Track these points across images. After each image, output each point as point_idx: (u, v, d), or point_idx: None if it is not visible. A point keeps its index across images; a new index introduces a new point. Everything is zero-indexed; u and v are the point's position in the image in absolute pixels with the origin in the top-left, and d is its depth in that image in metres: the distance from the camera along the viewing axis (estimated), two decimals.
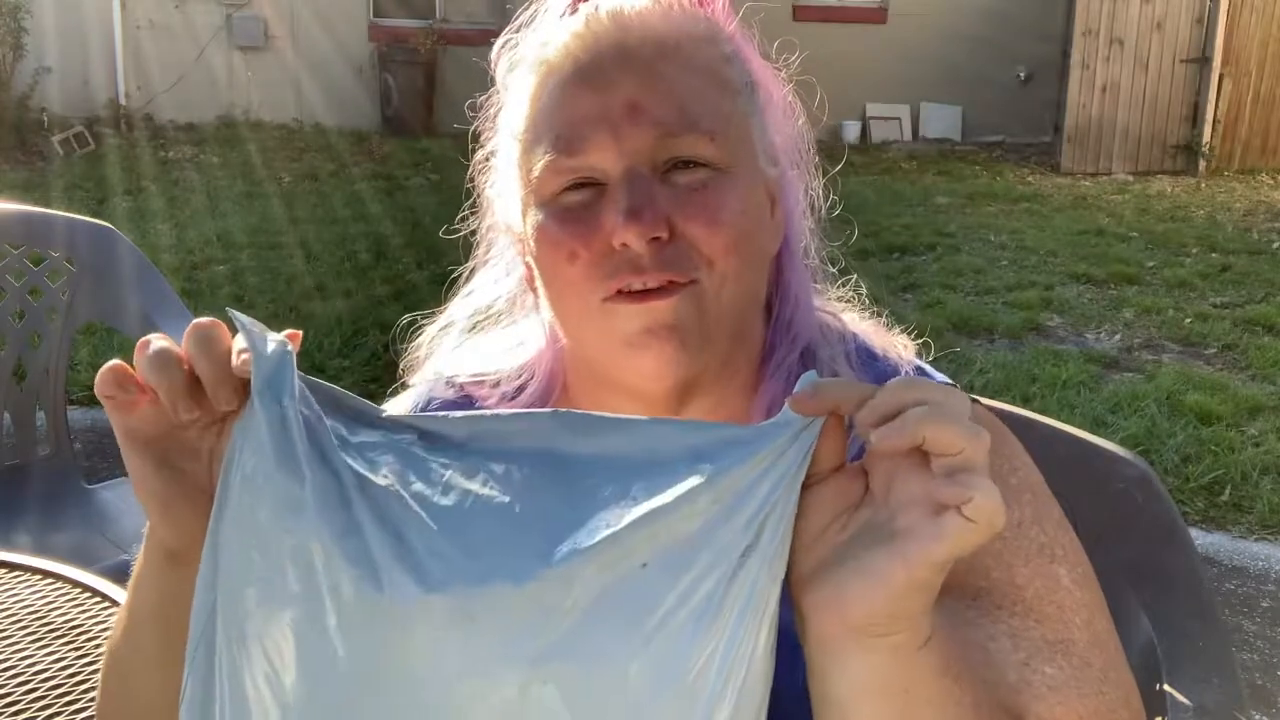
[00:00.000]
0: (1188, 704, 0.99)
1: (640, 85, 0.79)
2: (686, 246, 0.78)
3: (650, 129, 0.78)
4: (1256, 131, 11.09)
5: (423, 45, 10.95)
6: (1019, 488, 0.81)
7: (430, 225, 7.63)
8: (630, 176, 0.78)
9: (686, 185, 0.79)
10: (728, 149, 0.80)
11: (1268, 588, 3.45)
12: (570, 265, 0.80)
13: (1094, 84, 10.77)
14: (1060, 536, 0.80)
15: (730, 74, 0.84)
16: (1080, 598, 0.78)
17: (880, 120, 11.80)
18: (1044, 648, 0.74)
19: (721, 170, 0.80)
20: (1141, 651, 1.04)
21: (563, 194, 0.81)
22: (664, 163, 0.79)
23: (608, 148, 0.78)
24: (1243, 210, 9.11)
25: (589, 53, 0.81)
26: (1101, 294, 6.53)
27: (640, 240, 0.77)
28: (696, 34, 0.83)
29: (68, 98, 10.34)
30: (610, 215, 0.77)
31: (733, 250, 0.79)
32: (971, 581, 0.77)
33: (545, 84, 0.82)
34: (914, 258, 7.20)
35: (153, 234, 7.04)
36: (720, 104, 0.81)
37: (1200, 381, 4.96)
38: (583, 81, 0.80)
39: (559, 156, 0.79)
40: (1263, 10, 10.87)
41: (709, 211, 0.78)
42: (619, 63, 0.80)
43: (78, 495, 2.35)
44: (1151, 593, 1.08)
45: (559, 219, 0.80)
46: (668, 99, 0.79)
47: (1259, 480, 4.05)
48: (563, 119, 0.80)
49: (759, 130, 0.85)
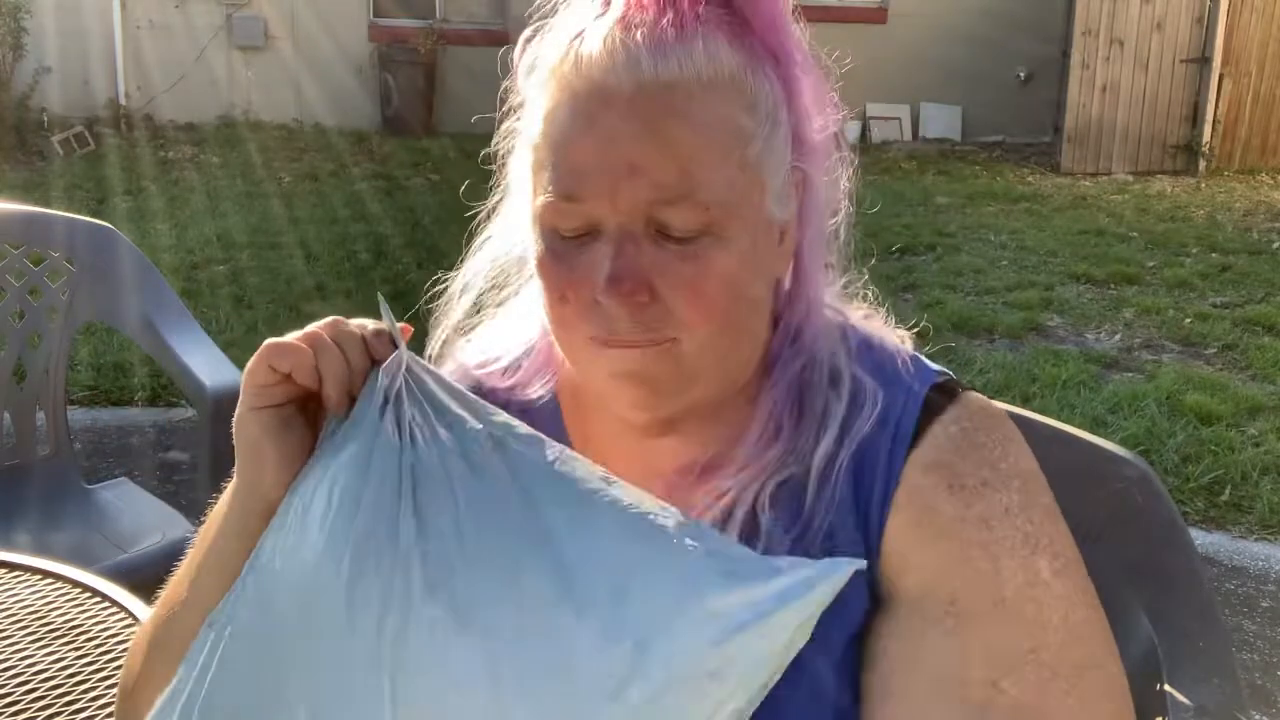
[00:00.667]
0: (1188, 704, 0.99)
1: (644, 144, 0.77)
2: (666, 311, 0.79)
3: (646, 191, 0.77)
4: (1256, 131, 11.09)
5: (423, 45, 10.94)
6: (1008, 473, 0.81)
7: (430, 225, 7.64)
8: (620, 236, 0.78)
9: (676, 250, 0.78)
10: (722, 217, 0.78)
11: (1268, 588, 3.46)
12: (560, 305, 0.82)
13: (1094, 84, 10.77)
14: (1046, 525, 0.80)
15: (747, 122, 0.80)
16: (1058, 590, 0.77)
17: (880, 120, 11.80)
18: (1014, 660, 0.75)
19: (715, 238, 0.78)
20: (1141, 651, 1.04)
21: (557, 231, 0.81)
22: (656, 223, 0.78)
23: (604, 202, 0.78)
24: (1243, 210, 9.11)
25: (599, 97, 0.78)
26: (1101, 294, 6.53)
27: (619, 305, 0.78)
28: (716, 81, 0.79)
29: (68, 98, 10.34)
30: (596, 268, 0.78)
31: (715, 317, 0.80)
32: (951, 576, 0.78)
33: (560, 108, 0.80)
34: (914, 258, 7.20)
35: (153, 234, 7.04)
36: (725, 166, 0.78)
37: (1200, 381, 4.96)
38: (590, 130, 0.78)
39: (557, 201, 0.80)
40: (1263, 10, 10.87)
41: (695, 282, 0.78)
42: (627, 113, 0.77)
43: (77, 495, 2.35)
44: (1151, 593, 1.08)
45: (554, 256, 0.81)
46: (670, 162, 0.77)
47: (1259, 480, 4.05)
48: (566, 161, 0.79)
49: (775, 167, 0.82)
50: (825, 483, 0.82)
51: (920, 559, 0.79)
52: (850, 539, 0.82)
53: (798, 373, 0.86)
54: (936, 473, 0.81)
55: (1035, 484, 0.82)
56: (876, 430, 0.83)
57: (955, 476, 0.80)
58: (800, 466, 0.83)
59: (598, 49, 0.79)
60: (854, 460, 0.83)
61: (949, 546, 0.78)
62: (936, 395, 0.85)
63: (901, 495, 0.81)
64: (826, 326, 0.89)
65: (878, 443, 0.83)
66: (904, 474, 0.82)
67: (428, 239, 6.99)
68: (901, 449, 0.82)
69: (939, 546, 0.79)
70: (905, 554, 0.80)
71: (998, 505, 0.79)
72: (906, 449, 0.82)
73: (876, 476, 0.82)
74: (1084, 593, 0.79)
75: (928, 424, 0.83)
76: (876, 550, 0.81)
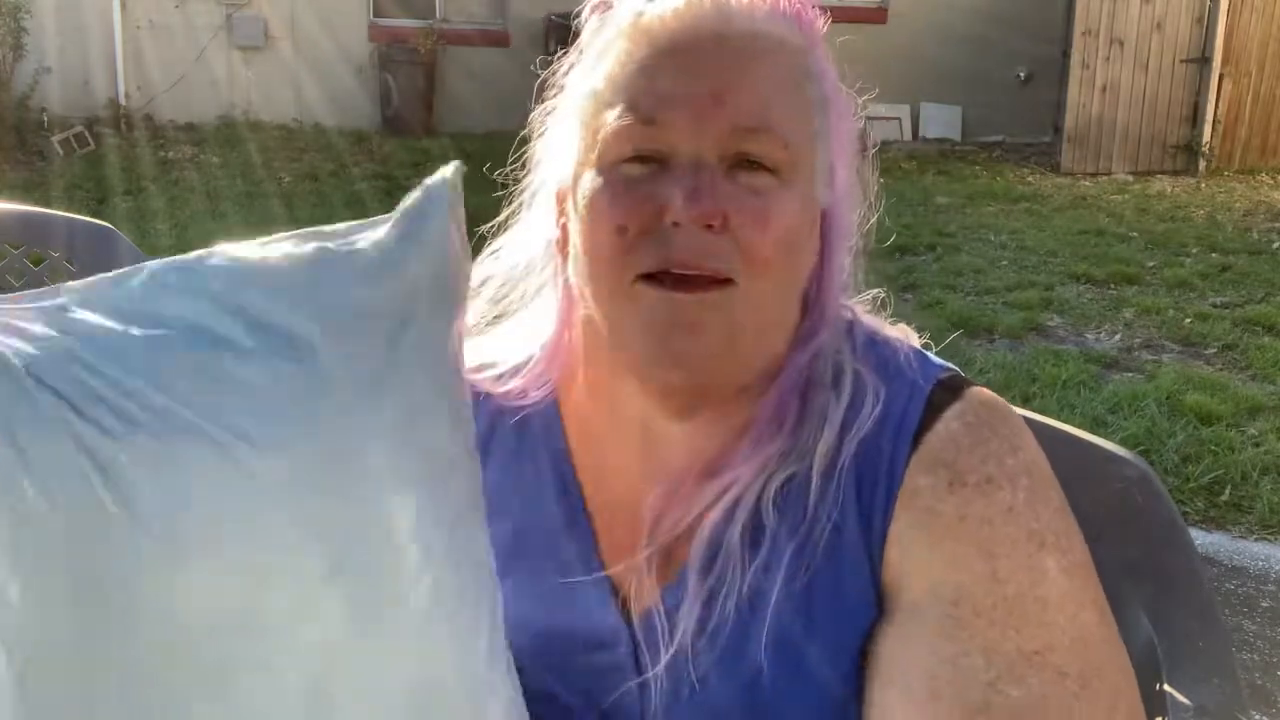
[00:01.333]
0: (1188, 704, 0.99)
1: (729, 77, 0.79)
2: (733, 244, 0.78)
3: (729, 120, 0.78)
4: (1256, 131, 11.09)
5: (423, 45, 10.94)
6: (1015, 470, 0.80)
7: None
8: (698, 162, 0.78)
9: (748, 186, 0.79)
10: (793, 162, 0.80)
11: (1268, 588, 3.45)
12: (616, 237, 0.79)
13: (1094, 84, 10.77)
14: (1055, 523, 0.79)
15: (810, 91, 0.84)
16: (1067, 589, 0.76)
17: (880, 120, 11.80)
18: (1016, 663, 0.74)
19: (782, 182, 0.80)
20: (1141, 651, 1.04)
21: (624, 163, 0.80)
22: (732, 155, 0.79)
23: (685, 128, 0.78)
24: (1243, 210, 9.11)
25: (687, 33, 0.81)
26: (1101, 294, 6.53)
27: (695, 223, 0.77)
28: (791, 43, 0.83)
29: (68, 98, 10.34)
30: (669, 192, 0.77)
31: (776, 260, 0.79)
32: (953, 577, 0.77)
33: (635, 52, 0.82)
34: (914, 258, 7.20)
35: (153, 234, 7.04)
36: (796, 118, 0.82)
37: (1200, 381, 4.96)
38: (674, 60, 0.80)
39: (634, 123, 0.79)
40: (1263, 10, 10.87)
41: (764, 216, 0.79)
42: (714, 50, 0.80)
43: None
44: (1151, 593, 1.08)
45: (614, 189, 0.80)
46: (753, 96, 0.79)
47: (1259, 480, 4.05)
48: (646, 89, 0.80)
49: (823, 153, 0.84)
50: (828, 481, 0.82)
51: (922, 561, 0.79)
52: (853, 540, 0.81)
53: (804, 368, 0.86)
54: (938, 471, 0.80)
55: (1044, 481, 0.81)
56: (879, 427, 0.82)
57: (957, 475, 0.79)
58: (803, 464, 0.82)
59: (682, 2, 0.82)
60: (857, 458, 0.82)
61: (950, 548, 0.78)
62: (941, 391, 0.84)
63: (904, 495, 0.80)
64: (834, 321, 0.88)
65: (880, 440, 0.82)
66: (906, 473, 0.81)
67: None
68: (904, 447, 0.81)
69: (941, 548, 0.78)
70: (907, 556, 0.79)
71: (1001, 503, 0.78)
72: (909, 447, 0.81)
73: (879, 475, 0.81)
74: (1094, 592, 0.78)
75: (931, 421, 0.82)
76: (879, 553, 0.80)
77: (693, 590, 0.81)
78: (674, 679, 0.81)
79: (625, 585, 0.85)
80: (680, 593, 0.81)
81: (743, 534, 0.81)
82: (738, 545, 0.81)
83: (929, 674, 0.75)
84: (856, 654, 0.80)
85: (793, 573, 0.80)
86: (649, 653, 0.82)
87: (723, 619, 0.80)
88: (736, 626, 0.80)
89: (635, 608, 0.84)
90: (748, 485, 0.82)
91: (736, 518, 0.82)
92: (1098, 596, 0.78)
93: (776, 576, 0.80)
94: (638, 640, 0.83)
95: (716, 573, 0.81)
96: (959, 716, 0.73)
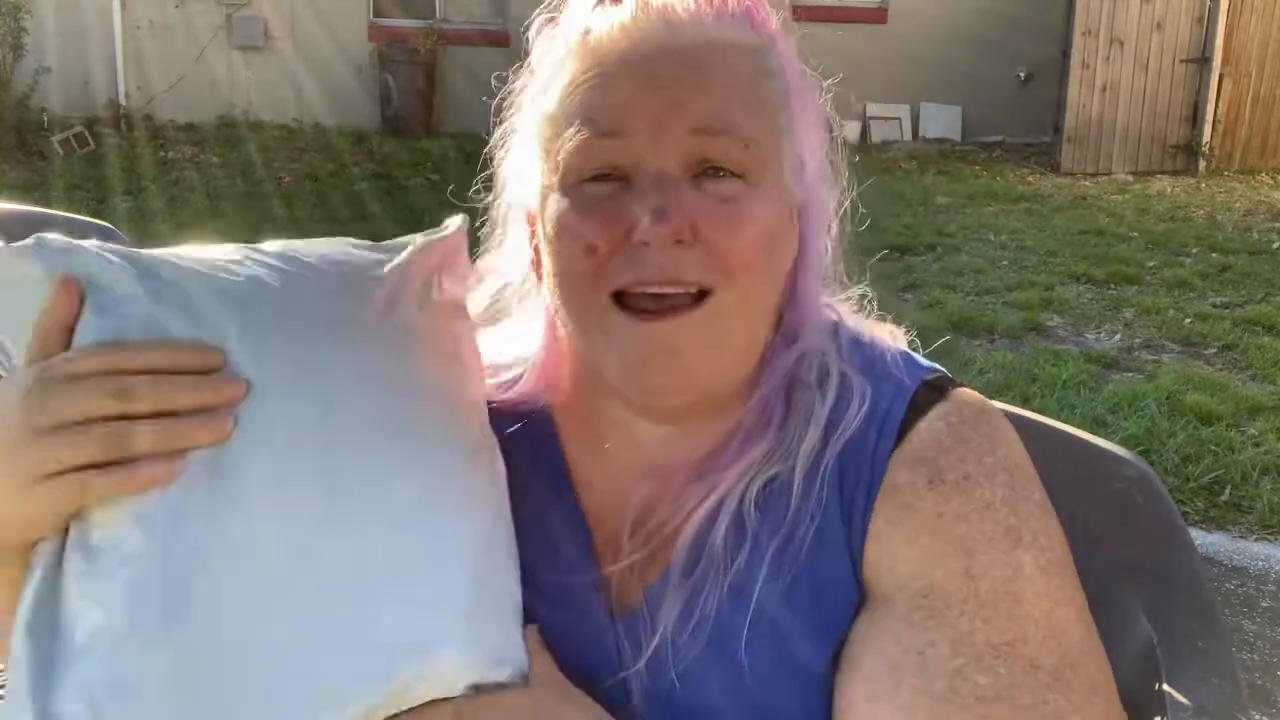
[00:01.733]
0: (1188, 704, 0.99)
1: (684, 84, 0.78)
2: (707, 253, 0.77)
3: (688, 126, 0.77)
4: (1256, 131, 11.09)
5: (423, 45, 10.94)
6: (994, 468, 0.80)
7: (430, 225, 7.62)
8: (661, 175, 0.77)
9: (715, 194, 0.78)
10: (759, 161, 0.80)
11: (1268, 588, 3.46)
12: (585, 258, 0.79)
13: (1094, 84, 10.77)
14: (1033, 520, 0.79)
15: (769, 89, 0.82)
16: (1044, 586, 0.76)
17: (880, 120, 11.80)
18: (985, 653, 0.74)
19: (750, 185, 0.79)
20: (1141, 651, 1.04)
21: (586, 182, 0.80)
22: (696, 163, 0.78)
23: (644, 139, 0.77)
24: (1243, 210, 9.12)
25: (637, 49, 0.80)
26: (1101, 294, 6.54)
27: (664, 240, 0.76)
28: (744, 44, 0.82)
29: (68, 98, 10.34)
30: (636, 210, 0.76)
31: (752, 265, 0.79)
32: (928, 570, 0.77)
33: (587, 71, 0.81)
34: (914, 258, 7.20)
35: (153, 234, 7.04)
36: (757, 117, 0.81)
37: (1200, 381, 4.96)
38: (627, 75, 0.79)
39: (592, 138, 0.78)
40: (1263, 10, 10.88)
41: (734, 223, 0.78)
42: (666, 61, 0.79)
43: None
44: (1151, 593, 1.08)
45: (580, 209, 0.79)
46: (710, 100, 0.78)
47: (1259, 480, 4.05)
48: (601, 105, 0.79)
49: (789, 147, 0.84)
50: (811, 483, 0.82)
51: (898, 555, 0.79)
52: (836, 536, 0.81)
53: (789, 369, 0.86)
54: (918, 469, 0.80)
55: (1024, 479, 0.81)
56: (863, 427, 0.82)
57: (936, 472, 0.80)
58: (786, 465, 0.82)
59: (627, 19, 0.81)
60: (841, 457, 0.82)
61: (927, 543, 0.78)
62: (925, 391, 0.84)
63: (884, 492, 0.81)
64: (819, 324, 0.88)
65: (864, 439, 0.82)
66: (888, 471, 0.81)
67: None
68: (886, 445, 0.82)
69: (917, 543, 0.78)
70: (884, 551, 0.80)
71: (978, 500, 0.78)
72: (891, 445, 0.82)
73: (862, 473, 0.82)
74: (1071, 591, 0.78)
75: (914, 420, 0.82)
76: (860, 549, 0.81)
77: (674, 589, 0.81)
78: (656, 677, 0.81)
79: (614, 584, 0.86)
80: (663, 592, 0.82)
81: (726, 534, 0.81)
82: (720, 545, 0.81)
83: (893, 663, 0.75)
84: (841, 650, 0.81)
85: (775, 571, 0.81)
86: (631, 650, 0.82)
87: (704, 617, 0.80)
88: (718, 625, 0.80)
89: (619, 607, 0.85)
90: (732, 486, 0.83)
91: (720, 518, 0.82)
92: (1075, 595, 0.78)
93: (759, 575, 0.81)
94: (620, 638, 0.83)
95: (699, 572, 0.82)
96: (924, 704, 0.73)
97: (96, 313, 0.72)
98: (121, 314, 0.72)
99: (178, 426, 0.69)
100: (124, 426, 0.68)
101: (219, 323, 0.73)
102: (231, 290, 0.75)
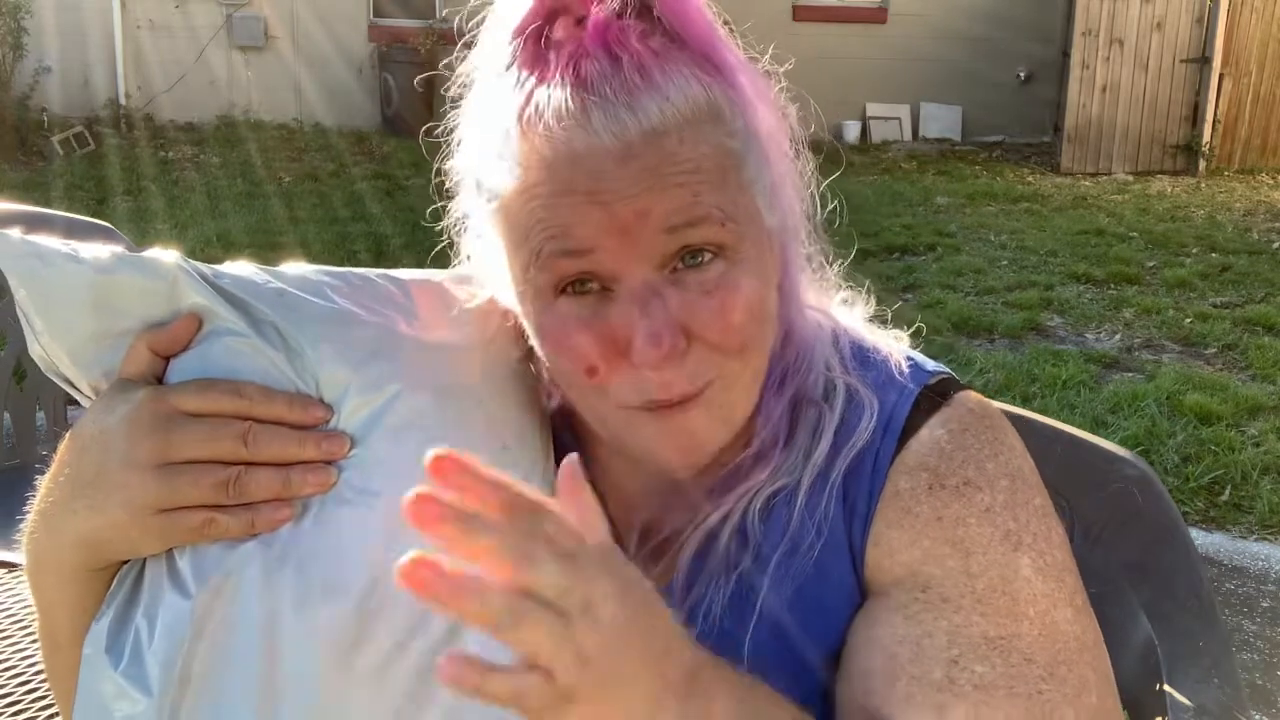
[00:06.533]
0: (1188, 704, 0.99)
1: (648, 190, 0.72)
2: (705, 353, 0.76)
3: (661, 228, 0.73)
4: (1256, 131, 11.09)
5: (423, 45, 10.94)
6: (995, 473, 0.80)
7: (430, 225, 7.62)
8: (644, 290, 0.73)
9: (699, 285, 0.75)
10: (738, 229, 0.75)
11: (1268, 588, 3.46)
12: (587, 378, 0.77)
13: (1094, 84, 10.77)
14: (1033, 524, 0.79)
15: (733, 148, 0.76)
16: (1041, 588, 0.77)
17: (880, 120, 11.81)
18: (981, 644, 0.74)
19: (732, 261, 0.75)
20: (1141, 651, 1.04)
21: (563, 295, 0.76)
22: (674, 255, 0.74)
23: (617, 252, 0.73)
24: (1243, 210, 9.12)
25: (593, 153, 0.72)
26: (1101, 294, 6.54)
27: (662, 364, 0.73)
28: (698, 116, 0.74)
29: (68, 98, 10.34)
30: (626, 332, 0.73)
31: (749, 334, 0.77)
32: (926, 569, 0.78)
33: (539, 183, 0.74)
34: (914, 258, 7.20)
35: (153, 234, 7.03)
36: (727, 185, 0.75)
37: (1200, 381, 4.96)
38: (586, 186, 0.72)
39: (562, 259, 0.74)
40: (1263, 10, 10.88)
41: (724, 312, 0.75)
42: (623, 172, 0.72)
43: None
44: (1151, 593, 1.08)
45: (568, 326, 0.76)
46: (678, 195, 0.72)
47: (1259, 480, 4.05)
48: (566, 223, 0.73)
49: (760, 182, 0.79)
50: (818, 494, 0.82)
51: (898, 557, 0.79)
52: (839, 544, 0.82)
53: (794, 381, 0.85)
54: (919, 475, 0.80)
55: (1025, 484, 0.81)
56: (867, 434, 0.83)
57: (937, 478, 0.80)
58: (792, 478, 0.83)
59: (566, 115, 0.72)
60: (845, 466, 0.82)
61: (926, 545, 0.78)
62: (928, 396, 0.84)
63: (885, 497, 0.81)
64: (817, 333, 0.87)
65: (867, 445, 0.82)
66: (889, 477, 0.81)
67: (428, 239, 6.96)
68: (889, 451, 0.82)
69: (917, 545, 0.79)
70: (885, 554, 0.80)
71: (978, 504, 0.78)
72: (894, 451, 0.82)
73: (864, 479, 0.82)
74: (1070, 594, 0.78)
75: (917, 426, 0.82)
76: (861, 554, 0.81)
77: (678, 601, 0.82)
78: None
79: None
80: (668, 603, 0.82)
81: (729, 545, 0.82)
82: (723, 557, 0.82)
83: (890, 653, 0.76)
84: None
85: (779, 582, 0.81)
86: None
87: (708, 628, 0.81)
88: (721, 636, 0.81)
89: None
90: (740, 498, 0.83)
91: (724, 530, 0.82)
92: (1075, 596, 0.78)
93: (762, 586, 0.81)
94: None
95: (702, 583, 0.82)
96: (920, 695, 0.73)
97: (211, 346, 0.76)
98: (238, 352, 0.75)
99: (292, 474, 0.73)
100: (246, 471, 0.72)
101: (337, 376, 0.76)
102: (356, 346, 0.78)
